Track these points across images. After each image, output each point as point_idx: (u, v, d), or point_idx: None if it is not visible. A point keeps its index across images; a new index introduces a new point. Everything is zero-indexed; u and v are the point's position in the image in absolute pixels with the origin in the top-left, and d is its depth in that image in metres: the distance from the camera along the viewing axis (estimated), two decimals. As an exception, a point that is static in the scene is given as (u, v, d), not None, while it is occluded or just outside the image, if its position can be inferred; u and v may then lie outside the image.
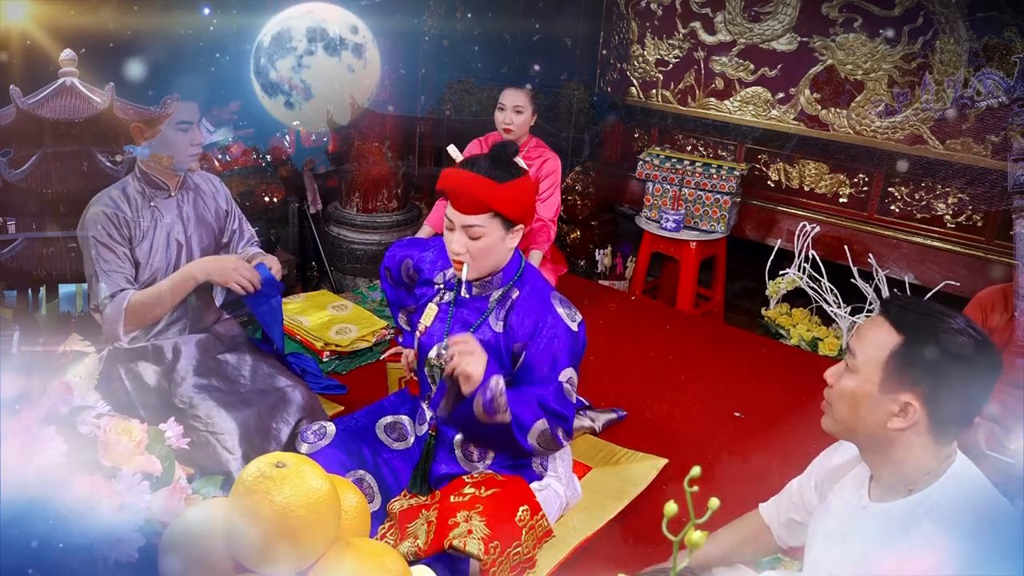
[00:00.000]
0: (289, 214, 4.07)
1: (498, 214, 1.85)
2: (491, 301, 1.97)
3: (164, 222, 2.30)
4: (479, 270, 1.93)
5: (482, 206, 1.83)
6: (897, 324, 1.27)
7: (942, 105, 3.44)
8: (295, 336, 3.15)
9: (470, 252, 1.88)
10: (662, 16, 4.26)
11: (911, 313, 1.27)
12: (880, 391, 1.26)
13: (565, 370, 1.89)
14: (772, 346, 3.55)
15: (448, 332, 1.99)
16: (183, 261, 2.33)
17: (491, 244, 1.88)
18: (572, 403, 1.92)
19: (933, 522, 1.22)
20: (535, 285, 1.98)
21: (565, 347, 1.90)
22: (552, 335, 1.90)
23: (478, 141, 3.68)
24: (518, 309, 1.94)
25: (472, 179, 1.84)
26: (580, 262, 4.49)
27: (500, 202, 1.83)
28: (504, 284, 1.97)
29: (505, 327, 1.95)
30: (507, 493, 1.92)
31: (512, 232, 1.91)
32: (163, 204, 2.31)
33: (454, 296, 2.01)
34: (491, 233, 1.87)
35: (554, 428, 1.87)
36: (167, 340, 2.33)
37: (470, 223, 1.85)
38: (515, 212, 1.87)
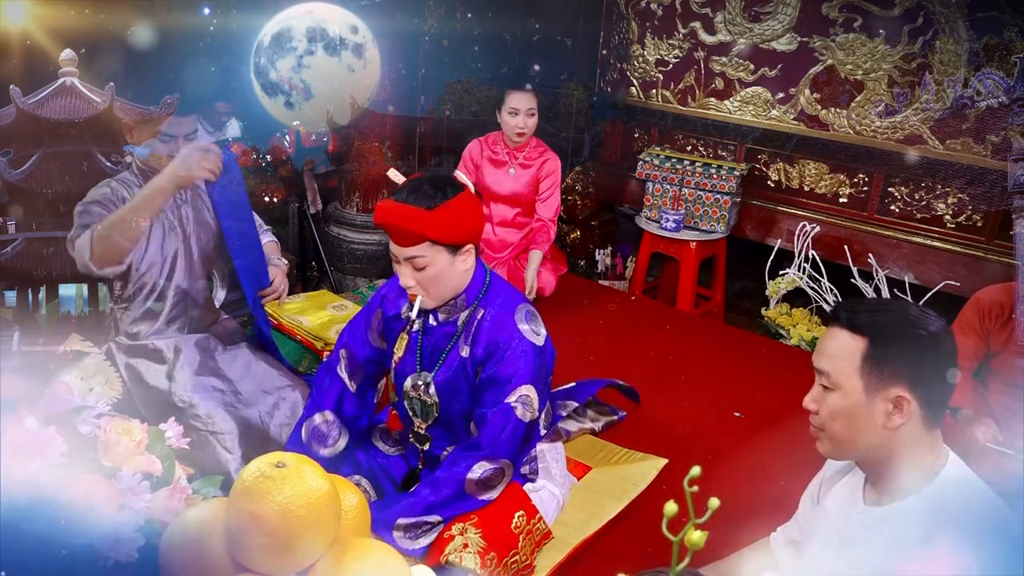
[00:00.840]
0: (289, 214, 4.07)
1: (437, 242, 1.79)
2: (459, 325, 1.93)
3: (160, 219, 2.29)
4: (436, 298, 1.88)
5: (416, 237, 1.76)
6: (854, 328, 1.27)
7: (942, 105, 3.44)
8: (295, 336, 3.15)
9: (419, 283, 1.83)
10: (662, 16, 4.25)
11: (861, 314, 1.28)
12: (867, 396, 1.26)
13: (519, 388, 1.84)
14: (772, 346, 3.55)
15: (420, 362, 1.97)
16: (180, 260, 2.33)
17: (438, 272, 1.82)
18: (522, 426, 1.86)
19: (931, 524, 1.22)
20: (502, 301, 1.92)
21: (527, 365, 1.85)
22: (513, 355, 1.84)
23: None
24: (482, 330, 1.89)
25: (400, 210, 1.76)
26: (580, 262, 4.49)
27: (432, 230, 1.76)
28: (469, 305, 1.92)
29: (471, 351, 1.90)
30: (501, 500, 1.90)
31: (460, 254, 1.83)
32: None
33: (422, 324, 1.98)
34: (435, 261, 1.80)
35: (486, 474, 1.83)
36: (167, 340, 2.33)
37: (410, 255, 1.79)
38: (451, 236, 1.79)
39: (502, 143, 3.60)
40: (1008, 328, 2.33)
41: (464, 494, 1.83)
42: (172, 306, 2.36)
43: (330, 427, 2.04)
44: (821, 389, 1.32)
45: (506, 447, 1.85)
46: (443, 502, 1.82)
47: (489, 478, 1.84)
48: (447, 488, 1.82)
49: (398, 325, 2.03)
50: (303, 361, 2.91)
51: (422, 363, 1.97)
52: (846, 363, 1.27)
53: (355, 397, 2.08)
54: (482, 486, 1.84)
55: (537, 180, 3.57)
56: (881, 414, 1.25)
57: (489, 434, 1.84)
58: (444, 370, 1.94)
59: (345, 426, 2.07)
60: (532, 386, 1.86)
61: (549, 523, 2.01)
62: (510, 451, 1.86)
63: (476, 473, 1.83)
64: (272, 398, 2.28)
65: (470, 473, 1.82)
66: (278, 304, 2.83)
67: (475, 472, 1.83)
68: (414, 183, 1.81)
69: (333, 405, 2.06)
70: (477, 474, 1.82)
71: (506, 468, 1.88)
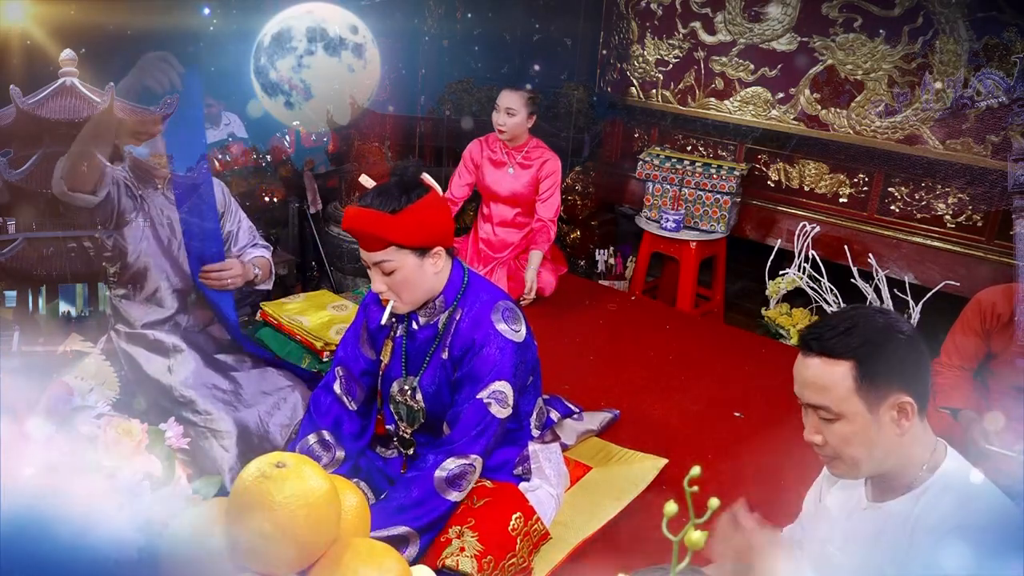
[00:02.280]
0: (289, 214, 4.07)
1: (402, 245, 1.79)
2: (439, 327, 1.93)
3: (149, 213, 2.31)
4: (409, 302, 1.88)
5: (381, 241, 1.77)
6: (834, 355, 1.25)
7: (942, 105, 3.44)
8: (295, 336, 3.15)
9: (390, 288, 1.84)
10: (662, 16, 4.25)
11: (833, 339, 1.26)
12: (872, 414, 1.25)
13: (493, 383, 1.83)
14: (772, 346, 3.55)
15: (406, 365, 1.97)
16: (167, 259, 2.35)
17: (407, 275, 1.82)
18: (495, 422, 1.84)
19: (933, 518, 1.22)
20: (479, 301, 1.91)
21: (503, 361, 1.84)
22: (488, 352, 1.84)
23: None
24: (460, 330, 1.89)
25: (364, 215, 1.77)
26: (580, 262, 4.49)
27: (396, 233, 1.76)
28: (448, 306, 1.92)
29: (449, 352, 1.90)
30: (498, 502, 1.90)
31: (429, 257, 1.83)
32: (149, 196, 2.32)
33: (406, 329, 1.98)
34: (403, 265, 1.80)
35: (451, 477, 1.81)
36: (167, 334, 2.34)
37: (378, 260, 1.80)
38: (418, 238, 1.79)
39: (501, 143, 3.60)
40: (1009, 329, 2.32)
41: (434, 493, 1.80)
42: (170, 302, 2.37)
43: (326, 446, 2.02)
44: (819, 420, 1.29)
45: (477, 443, 1.83)
46: (413, 503, 1.79)
47: (457, 476, 1.81)
48: (417, 488, 1.81)
49: (382, 334, 2.02)
50: (303, 361, 2.91)
51: (408, 367, 1.98)
52: (840, 391, 1.25)
53: (354, 415, 2.07)
54: (451, 484, 1.81)
55: (537, 180, 3.58)
56: (890, 424, 1.25)
57: (460, 430, 1.83)
58: (428, 374, 1.94)
59: (342, 444, 2.04)
60: (507, 382, 1.85)
61: (547, 523, 2.01)
62: (480, 447, 1.83)
63: (444, 471, 1.81)
64: (272, 399, 2.28)
65: (438, 470, 1.81)
66: (278, 304, 2.83)
67: (443, 470, 1.81)
68: (380, 187, 1.82)
69: (331, 424, 2.04)
70: (445, 472, 1.81)
71: (476, 464, 1.84)
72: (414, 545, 1.78)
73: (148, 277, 2.33)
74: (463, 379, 1.87)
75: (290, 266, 3.99)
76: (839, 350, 1.25)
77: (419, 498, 1.80)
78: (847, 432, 1.26)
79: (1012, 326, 2.31)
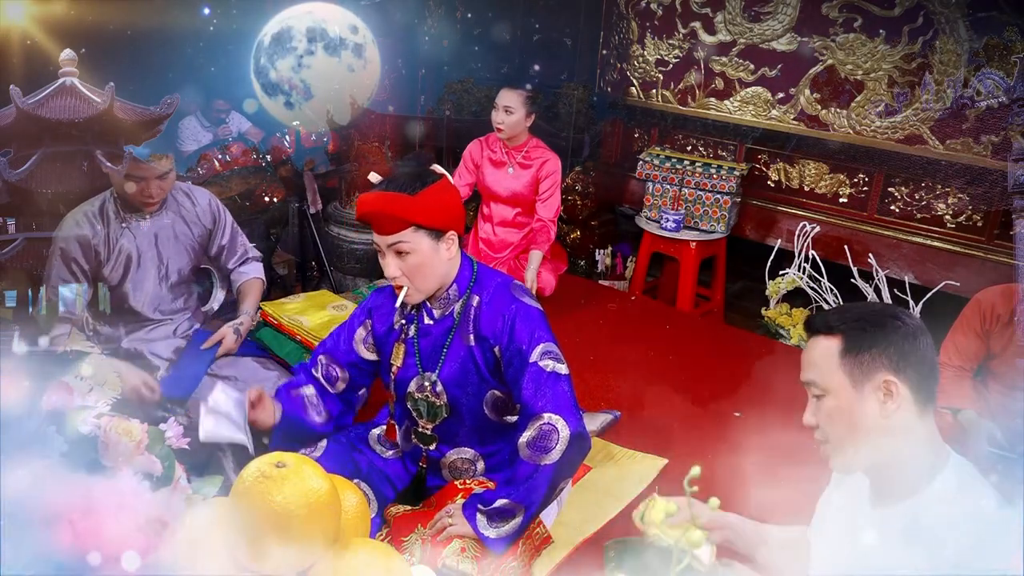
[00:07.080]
0: (289, 214, 4.07)
1: (420, 226, 1.81)
2: (456, 316, 1.93)
3: (136, 243, 2.34)
4: (422, 289, 1.88)
5: (400, 222, 1.78)
6: (829, 331, 1.32)
7: (942, 105, 3.44)
8: (295, 336, 3.15)
9: (404, 273, 1.84)
10: (662, 16, 4.25)
11: (831, 316, 1.34)
12: (856, 390, 1.27)
13: (537, 347, 1.83)
14: (772, 346, 3.55)
15: (420, 362, 1.97)
16: (155, 284, 2.38)
17: (423, 259, 1.83)
18: (560, 378, 1.84)
19: (934, 523, 1.22)
20: (494, 284, 1.94)
21: (538, 325, 1.86)
22: (521, 323, 1.85)
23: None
24: (484, 314, 1.89)
25: (383, 197, 1.79)
26: (580, 262, 4.49)
27: (417, 213, 1.78)
28: (462, 295, 1.93)
29: (477, 338, 1.90)
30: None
31: (444, 241, 1.85)
32: (136, 227, 2.34)
33: (417, 327, 1.98)
34: (419, 247, 1.81)
35: (567, 445, 1.79)
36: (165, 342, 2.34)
37: (393, 241, 1.81)
38: (436, 220, 1.82)
39: (501, 143, 3.60)
40: (1009, 330, 2.32)
41: (521, 461, 1.80)
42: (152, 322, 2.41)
43: (317, 399, 2.04)
44: (815, 401, 1.34)
45: (546, 401, 1.81)
46: (519, 479, 1.80)
47: (536, 438, 1.79)
48: (520, 468, 1.81)
49: (392, 337, 2.02)
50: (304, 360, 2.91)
51: (423, 364, 1.97)
52: (827, 363, 1.30)
53: (334, 395, 2.07)
54: (533, 448, 1.79)
55: (537, 180, 3.57)
56: (874, 403, 1.27)
57: (526, 397, 1.82)
58: (448, 365, 1.94)
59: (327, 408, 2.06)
60: (551, 343, 1.87)
61: (549, 526, 2.01)
62: (553, 405, 1.80)
63: (524, 438, 1.80)
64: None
65: (520, 438, 1.81)
66: (278, 304, 2.83)
67: (524, 436, 1.80)
68: (393, 175, 1.86)
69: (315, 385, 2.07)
70: (525, 438, 1.79)
71: (554, 423, 1.79)
72: (520, 516, 1.79)
73: (131, 302, 2.38)
74: (509, 358, 1.86)
75: (290, 266, 3.99)
76: (831, 325, 1.32)
77: (522, 477, 1.80)
78: (832, 407, 1.30)
79: (1012, 326, 2.31)
